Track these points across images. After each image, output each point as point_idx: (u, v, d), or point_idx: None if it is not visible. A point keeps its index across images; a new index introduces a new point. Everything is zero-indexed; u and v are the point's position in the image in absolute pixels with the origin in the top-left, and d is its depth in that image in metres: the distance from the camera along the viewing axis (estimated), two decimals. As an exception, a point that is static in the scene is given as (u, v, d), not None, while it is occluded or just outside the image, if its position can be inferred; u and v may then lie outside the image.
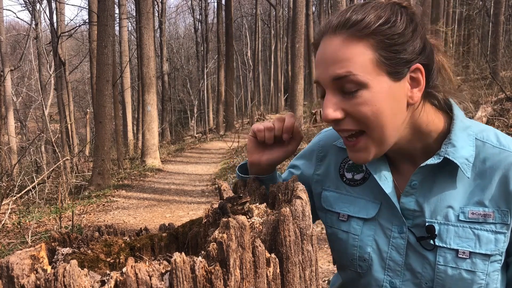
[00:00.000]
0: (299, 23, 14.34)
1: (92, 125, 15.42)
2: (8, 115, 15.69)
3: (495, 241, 0.83)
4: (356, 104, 0.80)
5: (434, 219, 0.86)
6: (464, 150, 0.85)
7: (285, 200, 0.81)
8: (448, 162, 0.85)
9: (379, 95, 0.79)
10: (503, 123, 7.64)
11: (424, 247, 0.86)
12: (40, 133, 12.61)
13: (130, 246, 0.78)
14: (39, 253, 0.59)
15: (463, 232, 0.84)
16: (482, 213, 0.84)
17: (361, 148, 0.84)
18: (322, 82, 0.83)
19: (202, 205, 7.15)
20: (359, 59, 0.79)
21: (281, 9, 34.62)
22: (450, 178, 0.87)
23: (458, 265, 0.83)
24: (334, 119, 0.81)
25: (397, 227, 0.90)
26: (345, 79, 0.79)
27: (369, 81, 0.79)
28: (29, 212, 7.03)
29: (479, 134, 0.88)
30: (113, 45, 10.59)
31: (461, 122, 0.89)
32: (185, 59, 40.98)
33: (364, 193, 0.96)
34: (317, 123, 14.63)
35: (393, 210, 0.90)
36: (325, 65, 0.82)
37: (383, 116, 0.80)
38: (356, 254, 0.93)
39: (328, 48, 0.82)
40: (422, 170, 0.87)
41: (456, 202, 0.86)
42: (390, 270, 0.90)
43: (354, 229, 0.94)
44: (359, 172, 0.98)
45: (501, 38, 15.41)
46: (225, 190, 0.93)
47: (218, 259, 0.59)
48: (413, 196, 0.89)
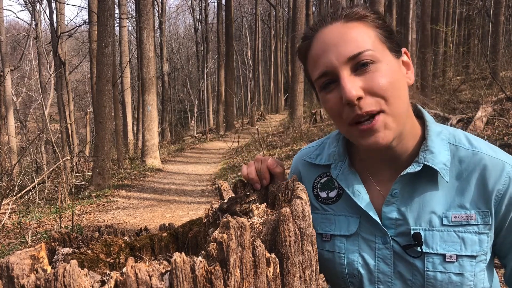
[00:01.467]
0: (299, 23, 14.33)
1: (92, 125, 15.43)
2: (8, 115, 15.68)
3: (479, 242, 0.84)
4: (374, 78, 0.81)
5: (418, 226, 0.87)
6: (441, 155, 0.87)
7: (285, 200, 0.81)
8: (427, 168, 0.86)
9: (391, 67, 0.83)
10: (503, 123, 7.63)
11: (411, 255, 0.87)
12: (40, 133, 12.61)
13: (130, 246, 0.78)
14: (39, 253, 0.59)
15: (448, 236, 0.85)
16: (464, 215, 0.85)
17: (380, 127, 0.82)
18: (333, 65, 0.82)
19: (202, 205, 7.15)
20: (365, 36, 0.83)
21: (281, 9, 34.61)
22: (430, 184, 0.88)
23: (446, 269, 0.84)
24: (358, 96, 0.80)
25: (381, 238, 0.90)
26: (360, 55, 0.81)
27: (380, 56, 0.82)
28: (29, 212, 7.03)
29: (451, 138, 0.90)
30: (113, 45, 10.59)
31: (434, 127, 0.91)
32: (185, 59, 40.98)
33: (342, 209, 0.96)
34: (317, 123, 14.63)
35: (373, 222, 0.90)
36: (335, 48, 0.82)
37: (397, 89, 0.83)
38: (345, 271, 0.93)
39: (331, 34, 0.83)
40: (402, 179, 0.88)
41: (438, 207, 0.86)
42: (380, 283, 0.90)
43: (339, 247, 0.94)
44: (332, 189, 0.98)
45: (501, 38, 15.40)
46: (225, 190, 0.93)
47: (218, 259, 0.59)
48: (395, 205, 0.89)
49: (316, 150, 1.06)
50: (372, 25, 0.85)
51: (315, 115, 15.03)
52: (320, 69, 0.84)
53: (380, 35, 0.84)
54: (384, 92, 0.80)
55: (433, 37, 15.21)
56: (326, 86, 0.85)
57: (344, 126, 0.86)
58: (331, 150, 1.01)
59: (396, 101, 0.82)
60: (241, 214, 0.76)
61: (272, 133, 15.47)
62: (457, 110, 9.23)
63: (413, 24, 13.63)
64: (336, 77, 0.82)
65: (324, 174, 1.01)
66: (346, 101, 0.80)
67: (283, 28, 34.79)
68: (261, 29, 37.08)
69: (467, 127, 7.42)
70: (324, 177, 1.01)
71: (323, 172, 1.01)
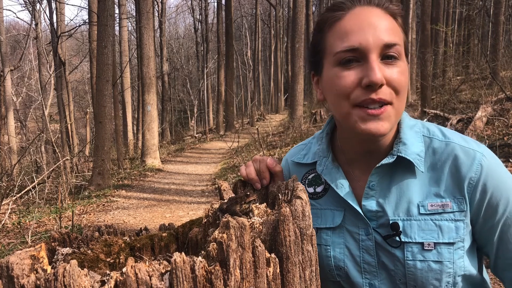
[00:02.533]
0: (299, 23, 14.34)
1: (92, 125, 15.42)
2: (8, 115, 15.69)
3: (455, 229, 0.86)
4: (397, 73, 0.84)
5: (396, 216, 0.89)
6: (414, 147, 0.90)
7: (285, 200, 0.81)
8: (402, 159, 0.89)
9: (406, 69, 0.87)
10: (503, 123, 7.63)
11: (391, 245, 0.89)
12: (40, 133, 12.61)
13: (130, 246, 0.78)
14: (39, 253, 0.59)
15: (425, 224, 0.87)
16: (440, 204, 0.87)
17: (385, 117, 0.84)
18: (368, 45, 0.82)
19: (202, 205, 7.15)
20: (399, 33, 0.87)
21: (281, 9, 34.61)
22: (405, 175, 0.91)
23: (425, 257, 0.86)
24: (382, 83, 0.82)
25: (364, 230, 0.92)
26: (394, 47, 0.83)
27: (403, 56, 0.87)
28: (29, 212, 7.03)
29: (425, 131, 0.94)
30: (113, 45, 10.59)
31: (407, 121, 0.95)
32: (185, 59, 40.98)
33: (328, 203, 0.98)
34: (317, 123, 14.63)
35: (356, 214, 0.93)
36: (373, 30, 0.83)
37: (406, 88, 0.88)
38: (332, 264, 0.95)
39: (374, 15, 0.85)
40: (378, 171, 0.91)
41: (415, 197, 0.89)
42: (366, 273, 0.92)
43: (325, 240, 0.96)
44: (319, 184, 1.01)
45: (501, 38, 15.40)
46: (225, 190, 0.93)
47: (218, 259, 0.59)
48: (373, 197, 0.92)
49: (303, 150, 1.09)
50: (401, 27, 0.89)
51: (315, 115, 15.04)
52: (350, 43, 0.83)
53: (404, 38, 0.89)
54: (400, 88, 0.84)
55: (433, 37, 15.21)
56: (347, 62, 0.84)
57: (346, 107, 0.85)
58: (316, 148, 1.04)
59: (403, 99, 0.86)
60: (241, 214, 0.77)
61: (272, 133, 15.48)
62: (457, 110, 9.23)
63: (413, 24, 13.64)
64: (363, 57, 0.83)
65: (311, 170, 1.04)
66: (371, 82, 0.81)
67: (283, 28, 34.79)
68: (261, 29, 37.08)
69: (467, 127, 7.42)
70: (312, 173, 1.04)
71: (311, 169, 1.04)
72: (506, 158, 5.77)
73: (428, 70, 12.03)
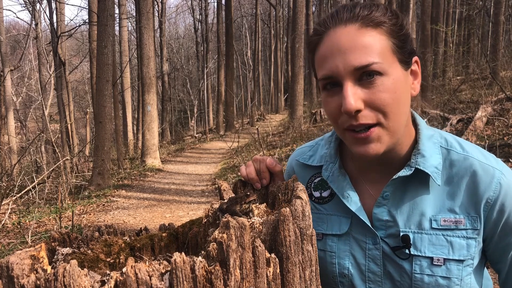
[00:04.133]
0: (299, 23, 14.33)
1: (92, 125, 15.42)
2: (8, 115, 15.69)
3: (467, 247, 0.84)
4: (377, 92, 0.79)
5: (408, 229, 0.87)
6: (432, 159, 0.87)
7: (285, 200, 0.81)
8: (419, 172, 0.87)
9: (397, 82, 0.81)
10: (503, 123, 7.63)
11: (399, 257, 0.87)
12: (40, 133, 12.60)
13: (130, 246, 0.78)
14: (39, 253, 0.59)
15: (436, 239, 0.85)
16: (453, 220, 0.85)
17: (373, 139, 0.82)
18: (339, 72, 0.80)
19: (202, 205, 7.14)
20: (378, 46, 0.80)
21: (281, 9, 34.60)
22: (421, 187, 0.88)
23: (433, 272, 0.84)
24: (357, 109, 0.79)
25: (371, 239, 0.91)
26: (368, 67, 0.79)
27: (389, 69, 0.80)
28: (29, 212, 7.03)
29: (443, 142, 0.90)
30: (113, 45, 10.59)
31: (426, 131, 0.91)
32: (185, 59, 40.97)
33: (334, 208, 0.96)
34: (317, 123, 14.63)
35: (363, 224, 0.91)
36: (344, 54, 0.80)
37: (400, 104, 0.82)
38: (336, 271, 0.94)
39: (343, 37, 0.80)
40: (394, 182, 0.88)
41: (428, 210, 0.87)
42: (371, 282, 0.91)
43: (330, 246, 0.95)
44: (325, 189, 0.99)
45: (501, 38, 15.40)
46: (225, 190, 0.93)
47: (218, 259, 0.59)
48: (385, 206, 0.90)
49: (309, 151, 1.07)
50: (388, 32, 0.82)
51: (315, 115, 15.04)
52: (325, 71, 0.83)
53: (393, 44, 0.82)
54: (385, 107, 0.80)
55: (433, 37, 15.20)
56: (329, 87, 0.85)
57: (339, 129, 0.87)
58: (323, 152, 1.02)
59: (395, 117, 0.81)
60: (241, 214, 0.76)
61: (272, 133, 15.48)
62: (457, 110, 9.23)
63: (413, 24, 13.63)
64: (339, 83, 0.82)
65: (318, 174, 1.02)
66: (344, 111, 0.80)
67: (283, 28, 34.77)
68: (261, 29, 37.08)
69: (467, 127, 7.42)
70: (318, 177, 1.02)
71: (317, 172, 1.02)
72: (506, 158, 5.77)
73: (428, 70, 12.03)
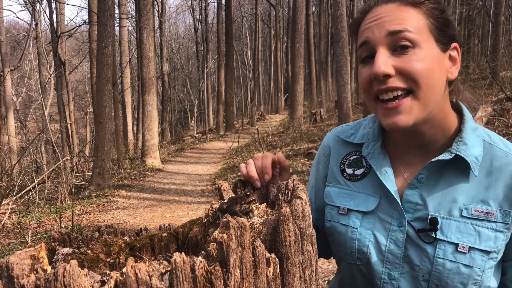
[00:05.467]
0: (299, 23, 14.34)
1: (92, 125, 15.42)
2: (8, 115, 15.69)
3: (494, 239, 0.84)
4: (410, 61, 0.81)
5: (437, 213, 0.87)
6: (474, 149, 0.88)
7: (285, 200, 0.81)
8: (458, 159, 0.87)
9: (430, 56, 0.83)
10: (503, 123, 7.63)
11: (424, 240, 0.87)
12: (40, 133, 12.60)
13: (130, 246, 0.78)
14: (39, 253, 0.59)
15: (464, 227, 0.85)
16: (485, 211, 0.85)
17: (404, 110, 0.82)
18: (374, 39, 0.83)
19: (202, 205, 7.14)
20: (414, 20, 0.83)
21: (281, 9, 34.60)
22: (456, 175, 0.89)
23: (456, 259, 0.84)
24: (386, 74, 0.80)
25: (397, 221, 0.91)
26: (400, 34, 0.81)
27: (422, 42, 0.82)
28: (29, 212, 7.03)
29: (486, 137, 0.91)
30: (113, 45, 10.59)
31: (471, 123, 0.92)
32: (185, 59, 40.97)
33: (365, 187, 0.97)
34: (317, 123, 14.64)
35: (393, 204, 0.92)
36: (379, 24, 0.83)
37: (433, 77, 0.83)
38: (355, 247, 0.94)
39: (384, 11, 0.84)
40: (431, 165, 0.89)
41: (461, 199, 0.87)
42: (388, 263, 0.91)
43: (353, 222, 0.95)
44: (359, 167, 1.00)
45: (501, 38, 15.40)
46: (225, 190, 0.93)
47: (218, 259, 0.59)
48: (418, 189, 0.90)
49: (351, 129, 1.07)
50: (426, 13, 0.84)
51: (315, 115, 15.05)
52: (362, 38, 0.86)
53: (431, 24, 0.84)
54: (416, 75, 0.81)
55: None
56: (365, 60, 0.87)
57: (371, 101, 0.88)
58: (366, 131, 1.03)
59: (427, 88, 0.82)
60: (241, 214, 0.77)
61: (272, 133, 15.48)
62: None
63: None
64: (374, 51, 0.83)
65: (354, 152, 1.03)
66: (373, 75, 0.81)
67: (283, 28, 34.78)
68: (261, 29, 37.08)
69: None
70: (354, 155, 1.03)
71: (354, 151, 1.03)
72: (506, 158, 5.77)
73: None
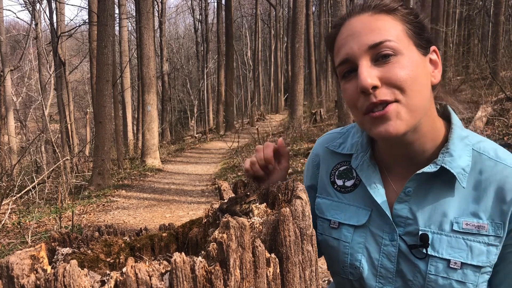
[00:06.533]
0: (299, 23, 14.34)
1: (92, 125, 15.42)
2: (8, 115, 15.69)
3: (487, 253, 0.82)
4: (393, 69, 0.80)
5: (427, 228, 0.85)
6: (461, 160, 0.85)
7: (285, 200, 0.81)
8: (445, 171, 0.85)
9: (414, 62, 0.82)
10: (503, 123, 7.63)
11: (416, 256, 0.86)
12: (40, 133, 12.60)
13: (130, 246, 0.78)
14: (39, 253, 0.59)
15: (456, 242, 0.83)
16: (476, 224, 0.83)
17: (391, 116, 0.80)
18: (354, 54, 0.82)
19: (202, 205, 7.14)
20: (391, 28, 0.82)
21: (281, 9, 34.60)
22: (445, 187, 0.86)
23: (449, 275, 0.83)
24: (373, 85, 0.79)
25: (388, 235, 0.89)
26: (381, 45, 0.80)
27: (403, 49, 0.81)
28: (29, 212, 7.03)
29: (476, 145, 0.88)
30: (113, 45, 10.59)
31: (459, 131, 0.89)
32: (185, 59, 40.97)
33: (355, 199, 0.95)
34: (317, 123, 14.64)
35: (384, 218, 0.90)
36: (358, 37, 0.82)
37: (418, 83, 0.82)
38: (347, 261, 0.93)
39: (358, 23, 0.83)
40: (417, 178, 0.87)
41: (451, 212, 0.85)
42: (382, 278, 0.90)
43: (345, 236, 0.93)
44: (349, 178, 0.98)
45: (501, 38, 15.39)
46: (225, 190, 0.93)
47: (218, 259, 0.59)
48: (407, 203, 0.88)
49: (340, 138, 1.05)
50: (401, 19, 0.84)
51: (315, 115, 15.05)
52: (341, 56, 0.85)
53: (408, 29, 0.83)
54: (401, 83, 0.79)
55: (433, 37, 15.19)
56: (346, 75, 0.85)
57: (359, 116, 0.85)
58: (354, 140, 1.00)
59: (412, 94, 0.80)
60: (241, 214, 0.76)
61: (272, 133, 15.47)
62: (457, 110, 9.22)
63: (413, 24, 13.51)
64: (356, 65, 0.82)
65: (344, 162, 1.01)
66: (361, 89, 0.80)
67: (283, 28, 34.78)
68: (261, 29, 37.07)
69: (467, 127, 7.41)
70: (344, 165, 1.01)
71: (344, 161, 1.01)
72: (506, 158, 5.77)
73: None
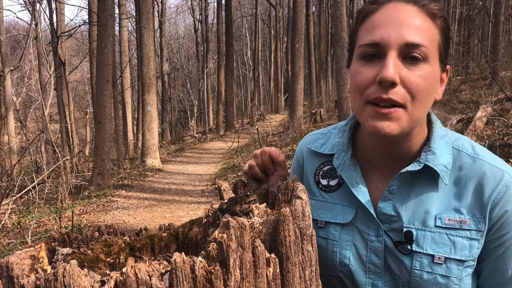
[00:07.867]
0: (299, 23, 14.34)
1: (92, 125, 15.42)
2: (8, 115, 15.69)
3: (469, 247, 0.84)
4: (417, 76, 0.79)
5: (411, 225, 0.87)
6: (443, 158, 0.87)
7: (285, 200, 0.81)
8: (428, 169, 0.87)
9: (434, 76, 0.82)
10: (503, 123, 7.63)
11: (401, 252, 0.87)
12: (40, 133, 12.60)
13: (130, 246, 0.78)
14: (39, 253, 0.59)
15: (439, 238, 0.85)
16: (458, 219, 0.85)
17: (394, 118, 0.80)
18: (389, 42, 0.79)
19: (202, 205, 7.14)
20: (431, 35, 0.81)
21: (281, 9, 34.60)
22: (428, 185, 0.88)
23: (433, 270, 0.85)
24: (394, 81, 0.78)
25: (374, 231, 0.91)
26: (417, 47, 0.79)
27: (431, 59, 0.81)
28: (29, 212, 7.03)
29: (455, 143, 0.90)
30: (113, 45, 10.59)
31: (439, 130, 0.91)
32: (185, 59, 40.97)
33: (340, 198, 0.97)
34: (317, 123, 14.63)
35: (369, 215, 0.91)
36: (398, 27, 0.79)
37: (429, 97, 0.82)
38: (337, 259, 0.94)
39: (404, 12, 0.81)
40: (401, 176, 0.88)
41: (434, 209, 0.87)
42: (371, 273, 0.91)
43: (333, 235, 0.95)
44: (333, 178, 0.99)
45: (501, 38, 15.39)
46: (225, 190, 0.93)
47: (218, 259, 0.59)
48: (391, 201, 0.90)
49: (321, 139, 1.05)
50: (440, 29, 0.83)
51: (315, 115, 15.03)
52: (373, 37, 0.81)
53: (441, 42, 0.83)
54: (418, 92, 0.79)
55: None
56: (368, 57, 0.83)
57: (360, 103, 0.84)
58: (335, 141, 1.01)
59: (420, 106, 0.81)
60: (241, 214, 0.76)
61: (272, 133, 15.47)
62: (457, 110, 9.23)
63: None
64: (383, 53, 0.80)
65: (327, 162, 1.02)
66: (381, 79, 0.78)
67: (283, 28, 34.77)
68: (261, 29, 37.07)
69: (467, 127, 7.42)
70: (327, 165, 1.01)
71: (327, 161, 1.02)
72: (506, 158, 5.77)
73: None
